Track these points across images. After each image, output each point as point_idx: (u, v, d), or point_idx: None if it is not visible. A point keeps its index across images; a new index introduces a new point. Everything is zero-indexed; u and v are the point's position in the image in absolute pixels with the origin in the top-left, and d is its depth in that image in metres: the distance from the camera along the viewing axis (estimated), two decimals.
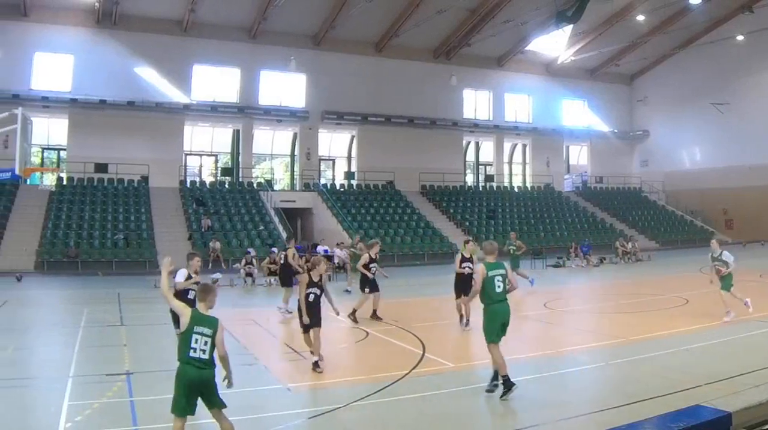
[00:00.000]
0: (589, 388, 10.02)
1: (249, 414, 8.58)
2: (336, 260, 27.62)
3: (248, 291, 24.48)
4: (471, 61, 48.04)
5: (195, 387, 6.68)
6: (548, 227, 44.52)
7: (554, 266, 32.53)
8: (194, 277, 10.63)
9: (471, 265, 14.48)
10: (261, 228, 36.20)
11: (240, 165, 43.70)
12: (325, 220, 39.81)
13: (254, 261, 26.86)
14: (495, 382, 9.19)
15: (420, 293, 22.92)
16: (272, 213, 38.56)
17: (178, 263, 10.38)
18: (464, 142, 51.22)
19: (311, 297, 10.98)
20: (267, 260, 25.92)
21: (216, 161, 45.14)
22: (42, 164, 39.35)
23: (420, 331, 14.02)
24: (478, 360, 11.56)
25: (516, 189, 52.07)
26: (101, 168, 37.95)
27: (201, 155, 44.34)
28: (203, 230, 34.65)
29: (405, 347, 12.63)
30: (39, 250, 30.61)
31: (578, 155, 57.56)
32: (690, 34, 48.26)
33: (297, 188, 44.40)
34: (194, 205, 37.24)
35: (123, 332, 14.83)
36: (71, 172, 37.99)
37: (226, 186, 41.84)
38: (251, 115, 42.92)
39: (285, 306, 17.20)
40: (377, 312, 16.02)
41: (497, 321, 9.21)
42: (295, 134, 45.26)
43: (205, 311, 7.02)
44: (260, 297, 22.45)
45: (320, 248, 30.11)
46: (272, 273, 25.19)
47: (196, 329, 6.79)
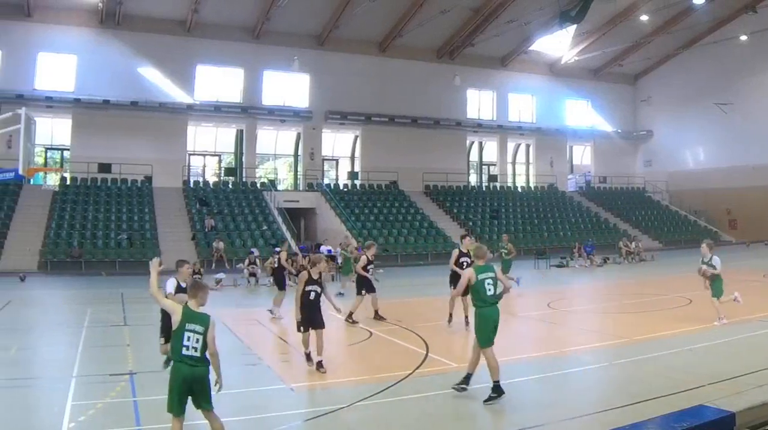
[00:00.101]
0: (593, 388, 10.00)
1: (252, 414, 8.61)
2: (339, 261, 27.63)
3: (252, 291, 24.50)
4: (474, 61, 48.03)
5: (188, 385, 6.62)
6: (552, 227, 44.51)
7: (558, 266, 32.51)
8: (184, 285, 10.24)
9: (469, 259, 14.41)
10: (264, 228, 36.24)
11: (243, 165, 43.74)
12: (329, 220, 39.84)
13: (257, 261, 26.88)
14: (465, 385, 9.13)
15: (423, 293, 22.87)
16: (275, 213, 38.59)
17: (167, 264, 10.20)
18: (468, 142, 51.22)
19: (312, 295, 10.87)
20: (270, 260, 25.87)
21: (219, 161, 45.18)
22: (45, 164, 39.36)
23: (423, 331, 14.01)
24: (482, 360, 11.56)
25: (519, 189, 52.09)
26: (105, 168, 38.04)
27: (204, 155, 44.40)
28: (207, 230, 34.70)
29: (408, 347, 12.62)
30: (42, 250, 30.67)
31: (582, 155, 57.58)
32: (693, 34, 48.23)
33: (300, 188, 44.46)
34: (198, 205, 37.28)
35: (126, 332, 14.83)
36: (75, 172, 38.12)
37: (230, 186, 41.92)
38: (255, 115, 42.95)
39: (275, 309, 17.00)
40: (379, 312, 16.03)
41: (490, 324, 9.19)
42: (299, 134, 45.29)
43: (197, 308, 6.95)
44: (264, 297, 22.40)
45: (323, 248, 30.11)
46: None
47: (188, 327, 6.74)
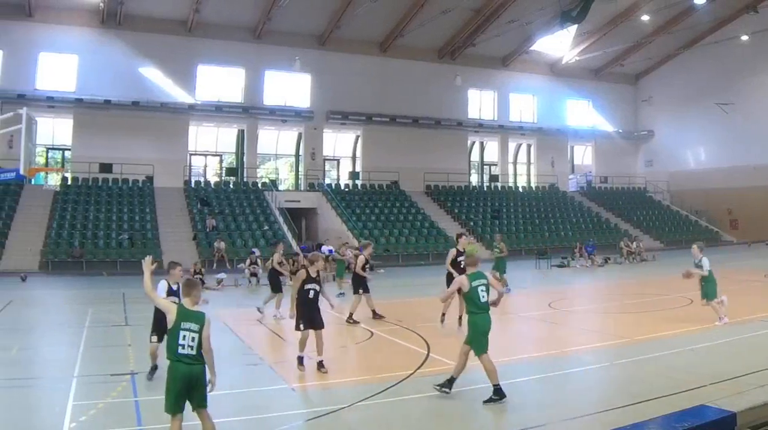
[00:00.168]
0: (594, 388, 9.99)
1: (254, 414, 8.62)
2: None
3: (253, 291, 24.46)
4: (476, 61, 48.03)
5: (185, 384, 6.60)
6: (553, 227, 44.50)
7: (559, 266, 32.52)
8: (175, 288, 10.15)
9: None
10: (266, 228, 36.24)
11: (245, 165, 43.73)
12: (330, 220, 39.84)
13: (259, 261, 26.86)
14: (448, 389, 9.08)
15: (424, 293, 22.81)
16: (277, 213, 38.60)
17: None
18: (469, 142, 51.22)
19: (311, 293, 10.78)
20: (270, 261, 25.86)
21: (221, 161, 45.19)
22: (47, 164, 39.35)
23: (425, 331, 14.00)
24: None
25: (521, 189, 52.09)
26: (106, 168, 38.07)
27: (206, 155, 44.41)
28: (208, 230, 34.71)
29: (410, 347, 12.62)
30: (44, 250, 30.69)
31: (583, 155, 57.56)
32: (695, 34, 48.21)
33: (302, 188, 44.46)
34: (199, 205, 37.29)
35: (128, 332, 14.83)
36: (76, 172, 38.15)
37: (231, 186, 41.93)
38: (256, 115, 42.96)
39: (277, 311, 16.94)
40: (376, 311, 16.04)
41: (483, 332, 9.21)
42: (300, 134, 45.27)
43: (191, 307, 6.93)
44: (265, 297, 22.41)
45: (325, 248, 29.99)
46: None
47: (183, 325, 6.71)
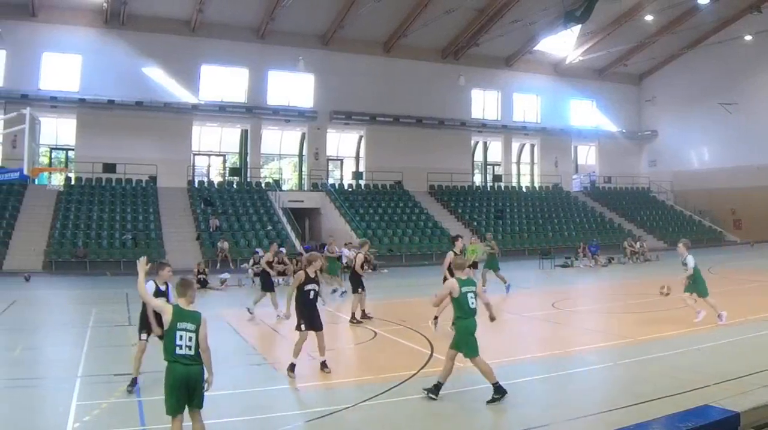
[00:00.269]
0: (598, 388, 9.97)
1: (257, 414, 8.62)
2: (345, 260, 27.59)
3: (256, 291, 24.42)
4: (479, 61, 48.01)
5: (183, 385, 6.56)
6: (556, 227, 44.47)
7: (562, 266, 32.50)
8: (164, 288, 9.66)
9: None
10: (269, 228, 36.26)
11: (248, 165, 43.77)
12: (333, 220, 39.84)
13: (262, 261, 26.82)
14: (434, 395, 9.01)
15: (428, 293, 22.56)
16: (280, 213, 38.64)
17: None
18: (472, 142, 51.20)
19: (311, 294, 10.71)
20: (275, 260, 25.84)
21: (224, 161, 45.22)
22: (50, 164, 39.44)
23: (428, 331, 14.00)
24: (487, 360, 11.55)
25: (524, 189, 52.05)
26: (109, 168, 38.11)
27: (209, 155, 44.44)
28: (211, 230, 34.74)
29: (413, 347, 12.62)
30: (47, 250, 30.74)
31: (586, 155, 57.51)
32: (698, 34, 48.14)
33: (305, 188, 44.48)
34: (202, 205, 37.33)
35: (131, 332, 14.74)
36: (79, 172, 38.18)
37: (235, 186, 41.98)
38: (259, 115, 42.98)
39: (277, 311, 16.79)
40: (366, 311, 16.10)
41: (471, 333, 9.23)
42: (304, 134, 45.30)
43: (187, 307, 6.87)
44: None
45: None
46: (280, 273, 25.21)
47: (179, 326, 6.67)
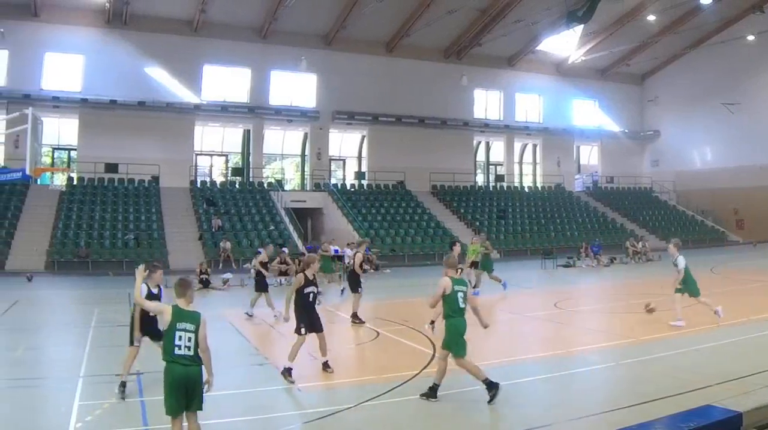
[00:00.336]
0: (600, 388, 9.96)
1: (260, 414, 8.62)
2: (347, 260, 27.55)
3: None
4: (482, 61, 48.00)
5: (182, 385, 6.52)
6: (559, 227, 44.45)
7: (565, 266, 32.46)
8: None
9: (461, 267, 14.38)
10: (271, 228, 36.27)
11: (250, 165, 43.81)
12: (336, 220, 39.84)
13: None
14: (434, 397, 8.99)
15: (430, 293, 22.82)
16: (283, 213, 38.65)
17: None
18: (475, 142, 51.20)
19: (311, 296, 10.67)
20: (277, 260, 25.88)
21: (226, 161, 45.24)
22: (52, 164, 39.55)
23: (430, 331, 13.98)
24: (488, 360, 11.55)
25: (526, 189, 52.04)
26: (112, 168, 38.13)
27: (211, 155, 44.49)
28: (214, 230, 34.76)
29: (415, 347, 12.60)
30: (49, 250, 30.77)
31: (589, 155, 57.48)
32: (701, 34, 48.12)
33: (307, 188, 44.50)
34: (205, 205, 37.35)
35: None
36: (82, 172, 38.20)
37: (237, 186, 41.98)
38: (262, 115, 43.00)
39: (274, 311, 16.90)
40: (357, 313, 16.07)
41: (461, 334, 9.24)
42: (306, 134, 45.33)
43: (186, 307, 6.84)
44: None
45: (331, 248, 29.94)
46: (282, 273, 25.30)
47: (179, 326, 6.64)
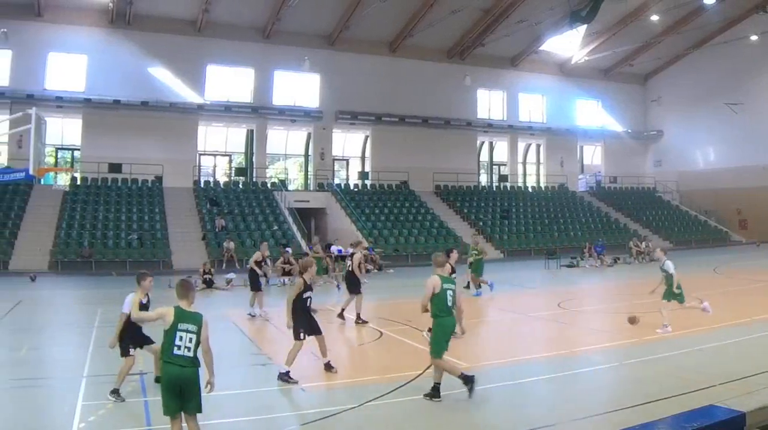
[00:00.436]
0: (603, 388, 9.97)
1: (263, 414, 8.65)
2: (349, 262, 27.54)
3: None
4: (485, 61, 47.96)
5: (176, 386, 6.53)
6: (562, 227, 44.41)
7: (568, 266, 32.44)
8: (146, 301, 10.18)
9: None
10: (275, 228, 36.29)
11: (254, 165, 43.78)
12: (339, 220, 39.86)
13: (268, 261, 26.84)
14: (437, 397, 8.96)
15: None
16: (286, 213, 38.64)
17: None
18: (478, 142, 51.14)
19: (309, 301, 10.67)
20: (281, 260, 25.91)
21: (230, 161, 45.26)
22: (56, 164, 39.51)
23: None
24: (491, 360, 11.56)
25: (530, 189, 51.98)
26: (115, 168, 38.15)
27: (215, 155, 44.49)
28: (217, 230, 34.77)
29: (418, 347, 12.58)
30: (53, 250, 30.80)
31: (592, 155, 57.43)
32: (704, 34, 48.06)
33: (311, 188, 44.51)
34: (208, 205, 37.36)
35: None
36: (85, 172, 38.26)
37: (240, 186, 42.00)
38: (265, 115, 43.00)
39: (261, 311, 17.14)
40: (344, 312, 16.19)
41: (447, 334, 9.25)
42: (309, 134, 45.32)
43: (188, 308, 6.87)
44: (274, 297, 22.37)
45: (334, 248, 30.00)
46: (286, 273, 25.31)
47: (181, 326, 6.66)
